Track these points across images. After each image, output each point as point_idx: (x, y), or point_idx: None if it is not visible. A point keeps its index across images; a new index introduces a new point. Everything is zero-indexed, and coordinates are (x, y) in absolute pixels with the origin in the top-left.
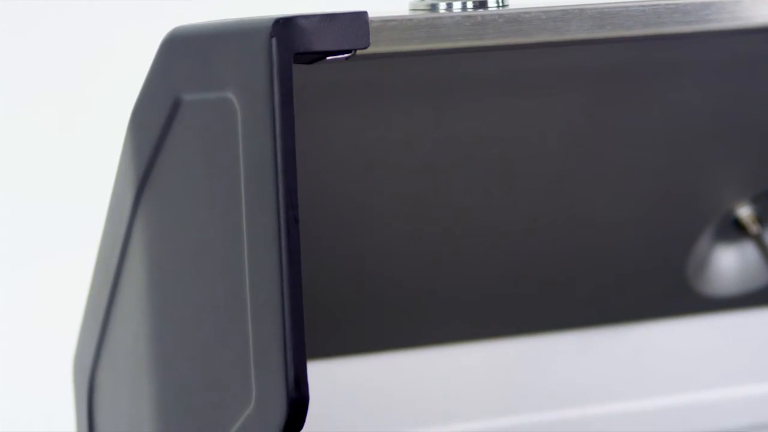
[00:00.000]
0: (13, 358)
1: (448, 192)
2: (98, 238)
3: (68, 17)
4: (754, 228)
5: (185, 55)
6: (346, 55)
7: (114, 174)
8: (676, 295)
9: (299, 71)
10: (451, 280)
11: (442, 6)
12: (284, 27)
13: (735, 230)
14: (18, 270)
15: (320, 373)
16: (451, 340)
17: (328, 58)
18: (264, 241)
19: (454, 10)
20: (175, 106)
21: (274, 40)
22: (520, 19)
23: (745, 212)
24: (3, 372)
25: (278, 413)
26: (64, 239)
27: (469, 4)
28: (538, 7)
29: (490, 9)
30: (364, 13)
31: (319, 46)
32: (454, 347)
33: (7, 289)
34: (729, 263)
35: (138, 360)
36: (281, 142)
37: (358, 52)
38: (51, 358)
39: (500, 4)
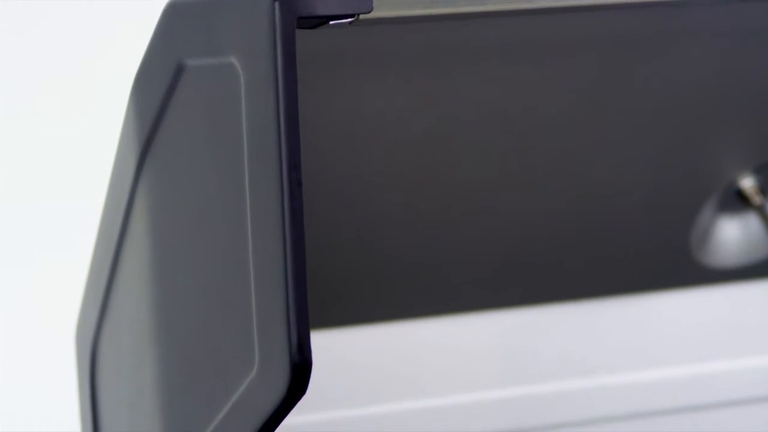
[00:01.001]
0: (12, 358)
1: (450, 163)
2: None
3: (68, 17)
4: (757, 199)
5: (188, 20)
6: (349, 19)
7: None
8: (680, 266)
9: (300, 41)
10: (453, 251)
11: None
12: None
13: (738, 201)
14: (18, 270)
15: (321, 344)
16: (452, 311)
17: (331, 22)
18: (267, 204)
19: None
20: (178, 72)
21: (276, 4)
22: None
23: (747, 183)
24: (3, 372)
25: (281, 378)
26: (63, 239)
27: None
28: None
29: None
30: None
31: (322, 10)
32: (456, 318)
33: (7, 289)
34: (732, 234)
35: (141, 328)
36: (284, 105)
37: (361, 16)
38: (50, 358)
39: None
